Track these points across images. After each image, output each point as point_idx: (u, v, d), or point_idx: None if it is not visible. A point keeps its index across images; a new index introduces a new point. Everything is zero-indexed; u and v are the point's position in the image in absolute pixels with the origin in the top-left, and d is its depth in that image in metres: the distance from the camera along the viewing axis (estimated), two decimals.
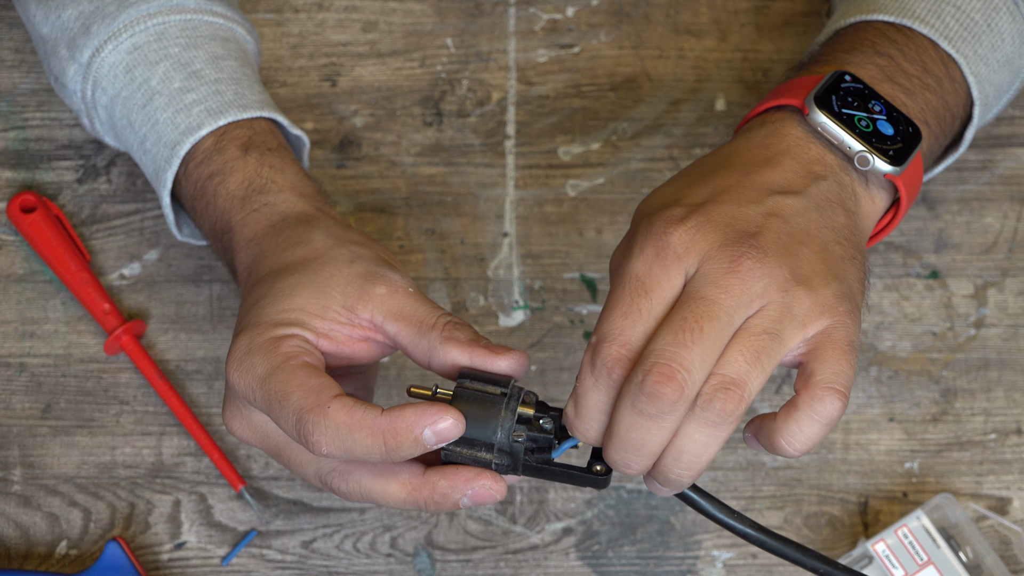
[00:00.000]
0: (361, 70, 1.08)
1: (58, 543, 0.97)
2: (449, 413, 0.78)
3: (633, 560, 0.97)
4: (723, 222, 0.78)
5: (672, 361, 0.75)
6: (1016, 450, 0.99)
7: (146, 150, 0.94)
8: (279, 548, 0.97)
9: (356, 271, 0.83)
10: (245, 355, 0.81)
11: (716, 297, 0.76)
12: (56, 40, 0.96)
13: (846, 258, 0.81)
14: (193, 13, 0.95)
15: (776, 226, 0.79)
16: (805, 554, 0.81)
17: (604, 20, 1.09)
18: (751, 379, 0.76)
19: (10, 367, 1.01)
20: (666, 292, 0.77)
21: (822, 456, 0.99)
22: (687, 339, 0.75)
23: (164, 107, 0.93)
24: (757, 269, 0.77)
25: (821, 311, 0.78)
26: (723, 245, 0.77)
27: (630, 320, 0.76)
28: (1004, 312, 1.02)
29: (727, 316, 0.76)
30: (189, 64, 0.94)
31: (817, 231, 0.80)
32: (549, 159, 1.06)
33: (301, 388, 0.79)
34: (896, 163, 0.83)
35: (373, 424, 0.77)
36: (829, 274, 0.79)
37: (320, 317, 0.82)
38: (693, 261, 0.77)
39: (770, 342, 0.76)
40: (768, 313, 0.77)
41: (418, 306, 0.82)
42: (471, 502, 0.80)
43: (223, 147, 0.92)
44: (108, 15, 0.94)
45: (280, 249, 0.87)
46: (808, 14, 1.09)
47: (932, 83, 0.89)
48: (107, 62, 0.94)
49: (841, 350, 0.78)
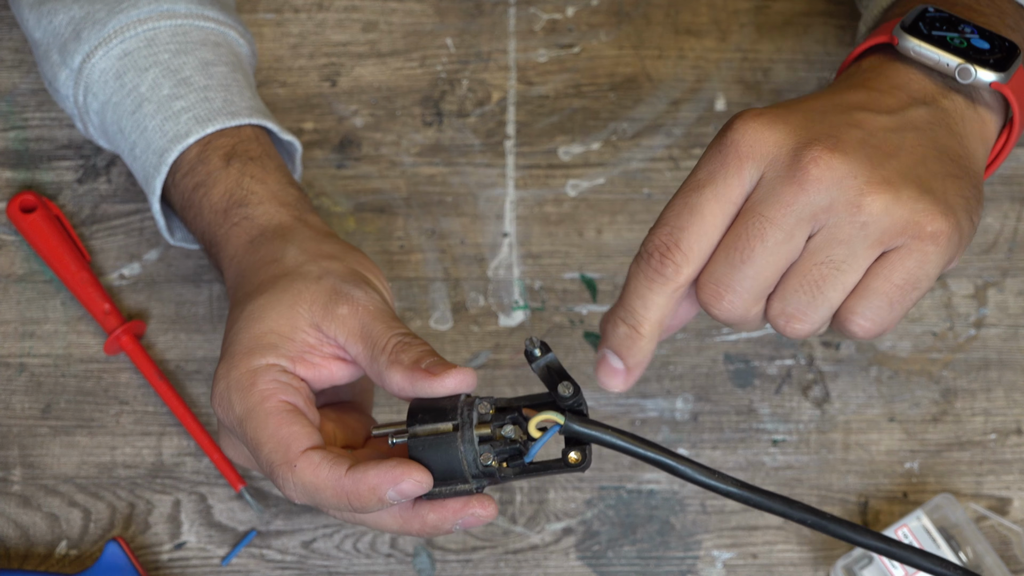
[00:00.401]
0: (361, 70, 1.08)
1: (58, 543, 0.97)
2: (411, 473, 0.76)
3: (633, 560, 0.97)
4: (798, 123, 0.74)
5: (719, 283, 0.74)
6: (1016, 450, 0.99)
7: (136, 156, 0.94)
8: (279, 548, 0.97)
9: (323, 288, 0.83)
10: (224, 391, 0.81)
11: (772, 214, 0.73)
12: (48, 45, 0.96)
13: (947, 174, 0.76)
14: (184, 18, 0.95)
15: (858, 135, 0.74)
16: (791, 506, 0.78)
17: (604, 20, 1.09)
18: (812, 312, 0.74)
19: (10, 367, 1.01)
20: (721, 189, 0.74)
21: (822, 456, 0.99)
22: (736, 259, 0.73)
23: (153, 114, 0.93)
24: (825, 178, 0.73)
25: (902, 227, 0.74)
26: (792, 148, 0.73)
27: (676, 211, 0.75)
28: (1004, 312, 1.02)
29: (783, 234, 0.73)
30: (179, 71, 0.94)
31: (911, 147, 0.76)
32: (549, 159, 1.06)
33: (272, 440, 0.79)
34: (1000, 69, 0.79)
35: (337, 485, 0.77)
36: (920, 185, 0.74)
37: (290, 339, 0.82)
38: (758, 163, 0.74)
39: (831, 271, 0.73)
40: (834, 233, 0.73)
41: (374, 325, 0.81)
42: (464, 527, 0.80)
43: (207, 157, 0.92)
44: (99, 21, 0.94)
45: (256, 268, 0.86)
46: (808, 14, 1.09)
47: (1012, 23, 0.85)
48: (98, 68, 0.94)
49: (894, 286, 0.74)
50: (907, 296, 0.75)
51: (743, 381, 1.00)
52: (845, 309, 0.75)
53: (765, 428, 0.99)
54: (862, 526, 0.78)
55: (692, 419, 1.00)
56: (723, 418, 1.00)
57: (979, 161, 0.80)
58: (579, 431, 0.77)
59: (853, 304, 0.75)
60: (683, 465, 0.77)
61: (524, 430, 0.78)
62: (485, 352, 1.01)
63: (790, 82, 1.07)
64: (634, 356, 0.77)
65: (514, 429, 0.78)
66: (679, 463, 0.77)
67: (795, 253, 0.74)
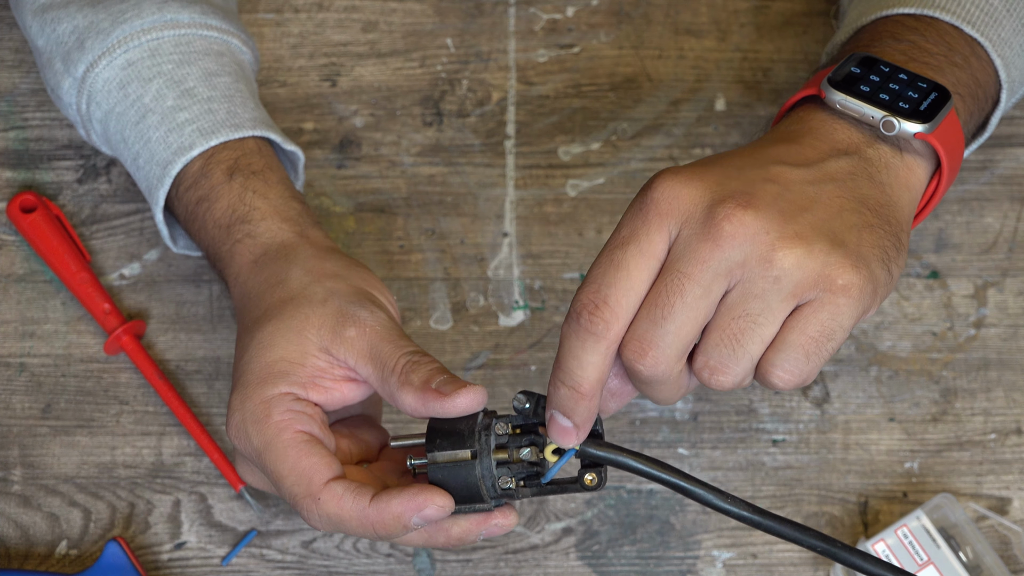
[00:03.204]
0: (361, 70, 1.08)
1: (58, 543, 0.97)
2: (434, 499, 0.78)
3: (633, 560, 0.97)
4: (714, 180, 0.76)
5: (643, 340, 0.75)
6: (1016, 450, 0.99)
7: (139, 167, 0.94)
8: (279, 548, 0.97)
9: (329, 311, 0.83)
10: (240, 423, 0.82)
11: (689, 270, 0.74)
12: (51, 53, 0.96)
13: (863, 225, 0.77)
14: (187, 28, 0.95)
15: (773, 190, 0.76)
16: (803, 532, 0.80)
17: (604, 20, 1.09)
18: (734, 364, 0.75)
19: (10, 367, 1.01)
20: (644, 246, 0.75)
21: (822, 456, 0.99)
22: (657, 316, 0.75)
23: (157, 125, 0.93)
24: (738, 234, 0.74)
25: (814, 280, 0.75)
26: (707, 205, 0.75)
27: (603, 269, 0.76)
28: (1004, 312, 1.02)
29: (701, 290, 0.74)
30: (182, 81, 0.94)
31: (828, 199, 0.77)
32: (549, 159, 1.06)
33: (293, 473, 0.80)
34: (926, 119, 0.80)
35: (362, 515, 0.79)
36: (832, 238, 0.75)
37: (301, 365, 0.82)
38: (676, 220, 0.75)
39: (748, 324, 0.75)
40: (748, 288, 0.74)
41: (383, 346, 0.82)
42: (487, 536, 0.82)
43: (209, 171, 0.92)
44: (102, 30, 0.94)
45: (261, 292, 0.87)
46: (808, 14, 1.09)
47: (959, 60, 0.86)
48: (101, 77, 0.94)
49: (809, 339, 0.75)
50: (822, 348, 0.76)
51: None
52: (765, 361, 0.76)
53: (765, 428, 0.99)
54: (873, 556, 0.80)
55: (692, 419, 1.00)
56: (723, 418, 1.00)
57: (903, 209, 0.81)
58: (594, 454, 0.79)
59: (771, 357, 0.76)
60: (699, 488, 0.79)
61: (541, 449, 0.80)
62: (485, 352, 1.01)
63: (790, 82, 1.07)
64: (579, 415, 0.78)
65: (531, 451, 0.80)
66: (695, 486, 0.79)
67: (713, 307, 0.75)
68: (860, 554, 0.79)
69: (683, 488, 0.79)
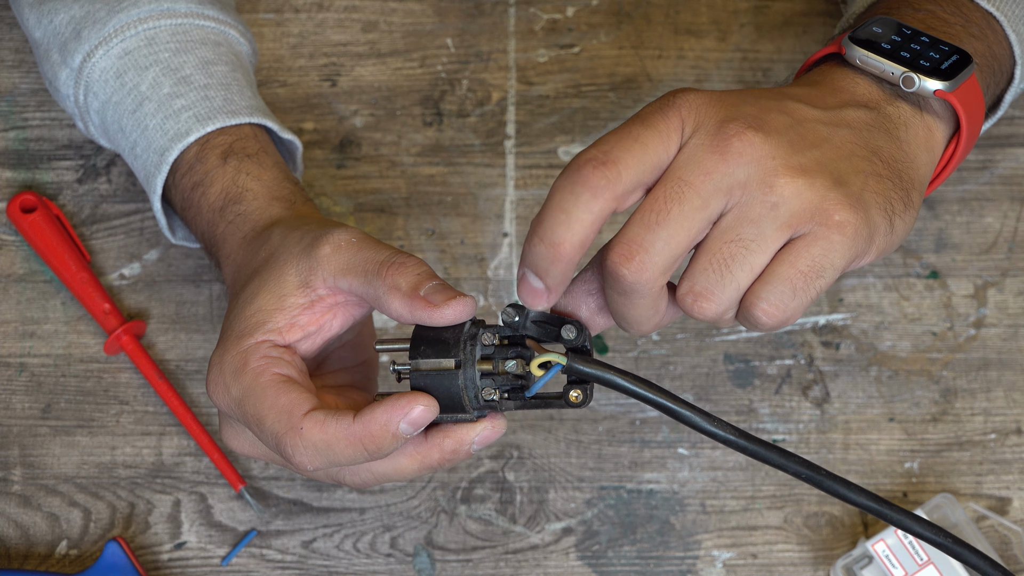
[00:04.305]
0: (361, 70, 1.08)
1: (58, 543, 0.97)
2: (419, 400, 0.77)
3: (633, 560, 0.97)
4: (732, 102, 0.76)
5: (632, 242, 0.74)
6: (1016, 450, 0.99)
7: (136, 155, 0.94)
8: (279, 548, 0.97)
9: (303, 245, 0.82)
10: (218, 376, 0.81)
11: (691, 179, 0.74)
12: (48, 44, 0.96)
13: (871, 172, 0.77)
14: (184, 17, 0.95)
15: (785, 121, 0.76)
16: (788, 458, 0.78)
17: (604, 20, 1.09)
18: (720, 291, 0.75)
19: (10, 367, 1.01)
20: (660, 130, 0.74)
21: (822, 456, 0.99)
22: (652, 220, 0.73)
23: (153, 113, 0.93)
24: (745, 152, 0.74)
25: (811, 213, 0.75)
26: (720, 119, 0.75)
27: (615, 136, 0.74)
28: (1004, 312, 1.02)
29: (700, 200, 0.74)
30: (179, 69, 0.94)
31: (839, 142, 0.77)
32: (549, 159, 1.06)
33: (272, 411, 0.79)
34: (946, 79, 0.80)
35: (348, 433, 0.77)
36: (836, 177, 0.75)
37: (279, 309, 0.81)
38: (690, 125, 0.75)
39: (740, 250, 0.74)
40: (744, 211, 0.74)
41: (362, 254, 0.80)
42: (480, 445, 0.80)
43: (204, 156, 0.92)
44: (99, 20, 0.94)
45: (249, 260, 0.86)
46: (808, 14, 1.09)
47: (976, 32, 0.86)
48: (98, 67, 0.94)
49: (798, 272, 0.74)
50: (811, 284, 0.75)
51: (743, 381, 1.00)
52: (750, 294, 0.75)
53: (765, 428, 0.99)
54: (855, 484, 0.79)
55: None
56: (723, 418, 1.00)
57: (921, 168, 0.81)
58: (581, 371, 0.77)
59: (758, 288, 0.75)
60: (685, 410, 0.77)
61: (527, 362, 0.79)
62: None
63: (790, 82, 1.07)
64: (554, 277, 0.75)
65: (517, 364, 0.78)
66: (681, 407, 0.77)
67: (707, 224, 0.75)
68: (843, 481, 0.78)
69: (669, 408, 0.77)
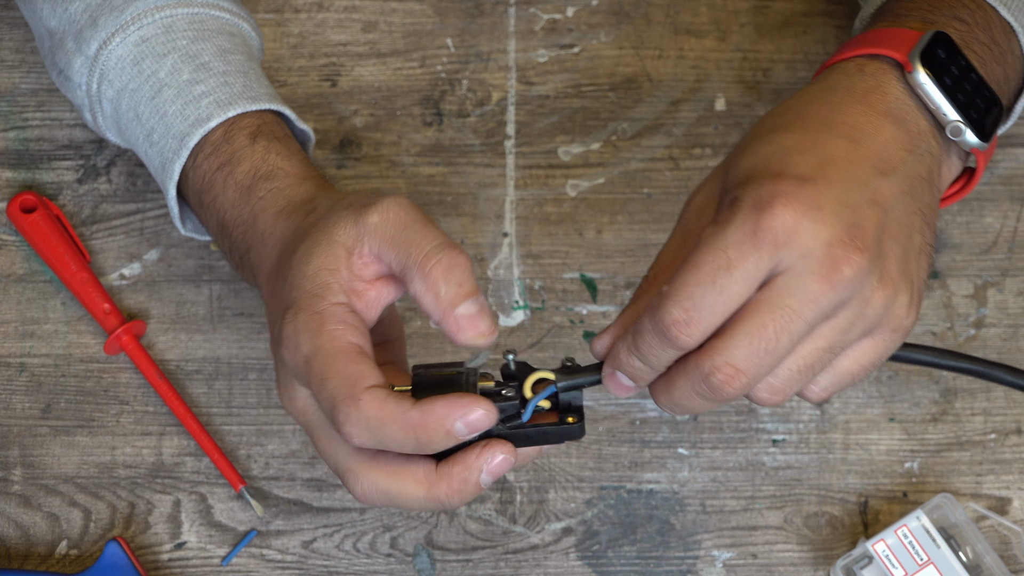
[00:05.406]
0: (361, 70, 1.08)
1: (58, 543, 0.97)
2: (479, 404, 0.77)
3: (633, 560, 0.97)
4: (832, 211, 0.74)
5: (739, 367, 0.74)
6: (1016, 450, 0.99)
7: (153, 142, 0.94)
8: (279, 548, 0.97)
9: (352, 210, 0.82)
10: (292, 334, 0.80)
11: (800, 308, 0.73)
12: (63, 33, 0.96)
13: (923, 252, 0.78)
14: (200, 7, 0.95)
15: (877, 219, 0.75)
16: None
17: (604, 20, 1.09)
18: (794, 388, 0.76)
19: (10, 367, 1.01)
20: (750, 274, 0.73)
21: (822, 456, 0.99)
22: (761, 349, 0.73)
23: (173, 99, 0.93)
24: (853, 278, 0.74)
25: (889, 319, 0.77)
26: (826, 243, 0.73)
27: (702, 288, 0.73)
28: (1004, 312, 1.02)
29: (806, 327, 0.74)
30: (197, 56, 0.94)
31: (907, 220, 0.77)
32: (549, 159, 1.06)
33: (337, 376, 0.78)
34: (983, 136, 0.80)
35: (404, 418, 0.77)
36: (905, 279, 0.77)
37: (337, 270, 0.81)
38: (791, 254, 0.73)
39: (828, 357, 0.76)
40: (841, 323, 0.75)
41: (406, 233, 0.81)
42: (490, 477, 0.80)
43: (232, 137, 0.92)
44: (116, 8, 0.94)
45: (296, 227, 0.86)
46: (808, 14, 1.09)
47: (998, 54, 0.85)
48: (114, 55, 0.94)
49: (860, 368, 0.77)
50: (864, 375, 0.78)
51: None
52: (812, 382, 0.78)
53: (765, 428, 0.99)
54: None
55: (692, 419, 1.00)
56: (723, 418, 1.00)
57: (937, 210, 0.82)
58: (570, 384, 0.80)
59: (820, 379, 0.78)
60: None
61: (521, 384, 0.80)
62: (485, 352, 1.01)
63: (790, 82, 1.07)
64: (643, 382, 0.78)
65: (514, 392, 0.80)
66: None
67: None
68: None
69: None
